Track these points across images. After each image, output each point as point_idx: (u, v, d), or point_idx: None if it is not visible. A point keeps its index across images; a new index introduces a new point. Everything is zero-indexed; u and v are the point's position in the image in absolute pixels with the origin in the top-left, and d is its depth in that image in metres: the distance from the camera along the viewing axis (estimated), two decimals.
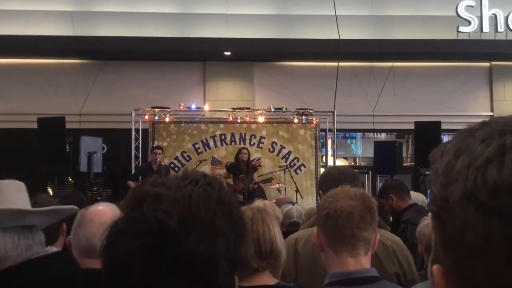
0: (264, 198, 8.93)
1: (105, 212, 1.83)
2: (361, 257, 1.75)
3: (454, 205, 0.49)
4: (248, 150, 9.70)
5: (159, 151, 9.44)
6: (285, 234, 2.95)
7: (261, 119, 10.90)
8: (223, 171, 10.11)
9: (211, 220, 0.89)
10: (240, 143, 10.71)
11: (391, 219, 5.29)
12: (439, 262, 0.53)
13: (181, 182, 0.93)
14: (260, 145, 10.96)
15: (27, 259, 1.36)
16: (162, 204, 0.88)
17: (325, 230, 1.77)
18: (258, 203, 3.63)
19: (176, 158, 10.60)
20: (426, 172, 9.00)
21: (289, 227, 4.19)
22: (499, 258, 0.45)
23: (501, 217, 0.44)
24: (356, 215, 1.72)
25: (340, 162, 11.77)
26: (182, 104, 10.61)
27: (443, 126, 9.81)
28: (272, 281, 1.90)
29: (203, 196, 0.91)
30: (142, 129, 10.76)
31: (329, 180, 2.47)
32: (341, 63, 11.24)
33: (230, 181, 9.47)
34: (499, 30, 11.56)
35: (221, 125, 10.96)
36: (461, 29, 11.43)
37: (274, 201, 5.76)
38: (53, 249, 1.47)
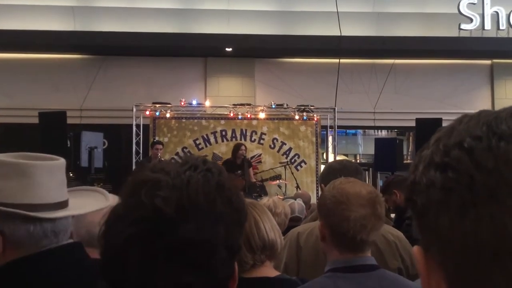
0: (265, 194, 8.94)
1: None
2: (365, 255, 1.76)
3: (420, 177, 0.56)
4: (245, 146, 9.70)
5: (160, 146, 9.45)
6: (287, 229, 2.96)
7: (262, 115, 10.89)
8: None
9: (210, 207, 0.87)
10: (241, 139, 10.70)
11: (391, 215, 5.28)
12: (419, 245, 0.58)
13: (180, 168, 0.91)
14: (261, 141, 10.95)
15: (40, 251, 1.36)
16: (160, 190, 0.86)
17: (332, 232, 1.75)
18: (267, 200, 3.63)
19: (177, 154, 10.59)
20: None
21: (290, 221, 4.19)
22: (456, 204, 0.51)
23: (453, 168, 0.52)
24: (369, 226, 1.70)
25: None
26: (183, 100, 10.60)
27: (444, 124, 9.74)
28: (273, 273, 1.90)
29: (202, 182, 0.89)
30: (143, 125, 10.76)
31: (331, 174, 2.46)
32: (342, 60, 11.22)
33: None
34: (501, 27, 11.54)
35: (222, 121, 10.95)
36: (463, 26, 11.41)
37: (281, 197, 5.78)
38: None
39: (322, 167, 10.56)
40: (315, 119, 11.11)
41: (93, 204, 1.58)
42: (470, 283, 0.51)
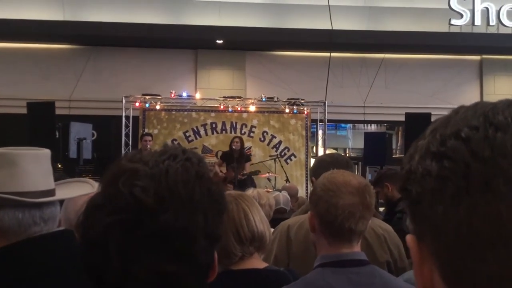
0: (254, 187, 8.92)
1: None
2: (354, 248, 1.76)
3: (416, 166, 0.55)
4: (240, 139, 9.67)
5: (149, 138, 9.42)
6: (272, 220, 2.97)
7: (252, 108, 10.89)
8: (213, 159, 10.10)
9: (189, 196, 0.88)
10: (231, 132, 10.70)
11: (380, 209, 5.31)
12: (412, 233, 0.58)
13: (159, 157, 0.92)
14: (251, 134, 10.95)
15: (31, 237, 1.36)
16: (138, 180, 0.87)
17: (320, 220, 1.75)
18: (251, 191, 3.66)
19: None
20: None
21: (275, 213, 4.22)
22: (451, 192, 0.51)
23: (449, 157, 0.52)
24: (357, 214, 1.69)
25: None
26: (173, 91, 10.56)
27: (434, 118, 9.78)
28: (262, 265, 1.91)
29: (181, 171, 0.90)
30: (133, 116, 10.70)
31: (321, 167, 2.46)
32: (333, 54, 11.23)
33: (224, 169, 9.49)
34: (490, 23, 11.60)
35: (212, 114, 10.93)
36: (453, 22, 11.46)
37: (270, 190, 5.81)
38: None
39: (312, 160, 10.59)
40: (305, 112, 11.13)
41: (80, 191, 1.58)
42: (463, 272, 0.51)
